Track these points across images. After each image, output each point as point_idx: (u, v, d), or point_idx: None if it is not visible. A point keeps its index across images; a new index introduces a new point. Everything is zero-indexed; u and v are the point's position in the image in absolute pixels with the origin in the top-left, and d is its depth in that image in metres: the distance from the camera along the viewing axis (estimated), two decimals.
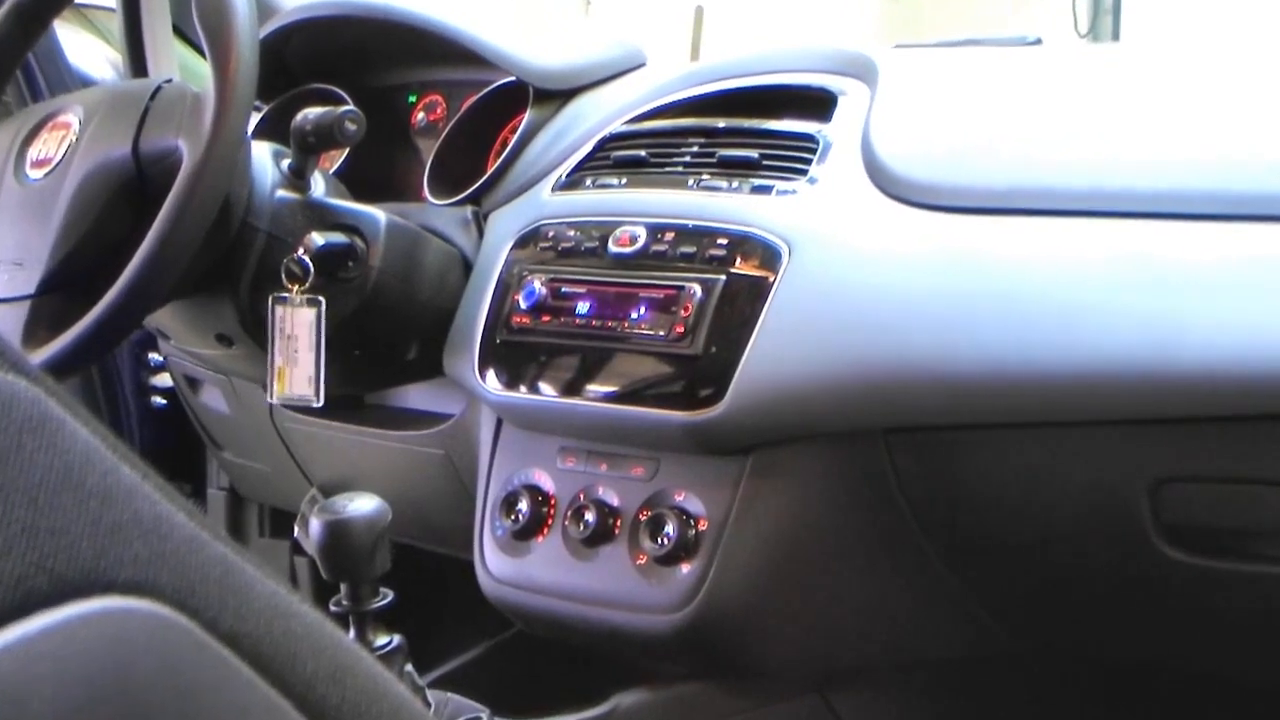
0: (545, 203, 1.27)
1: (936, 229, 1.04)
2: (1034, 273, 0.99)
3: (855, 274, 1.05)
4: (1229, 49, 1.22)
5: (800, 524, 1.10)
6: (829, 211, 1.10)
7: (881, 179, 1.09)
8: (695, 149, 1.23)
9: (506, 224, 1.28)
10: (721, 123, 1.26)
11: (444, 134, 1.43)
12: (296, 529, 1.58)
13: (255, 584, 0.37)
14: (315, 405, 1.21)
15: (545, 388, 1.17)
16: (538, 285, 1.19)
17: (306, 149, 1.22)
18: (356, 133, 1.20)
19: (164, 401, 1.85)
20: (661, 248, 1.14)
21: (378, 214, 1.26)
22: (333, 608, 1.06)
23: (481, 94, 1.43)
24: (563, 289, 1.18)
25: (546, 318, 1.18)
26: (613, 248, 1.16)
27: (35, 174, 1.22)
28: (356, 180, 1.37)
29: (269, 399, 1.23)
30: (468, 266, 1.30)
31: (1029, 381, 0.96)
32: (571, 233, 1.21)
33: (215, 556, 0.36)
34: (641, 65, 1.46)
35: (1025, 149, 1.08)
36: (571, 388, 1.15)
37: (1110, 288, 0.96)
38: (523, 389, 1.18)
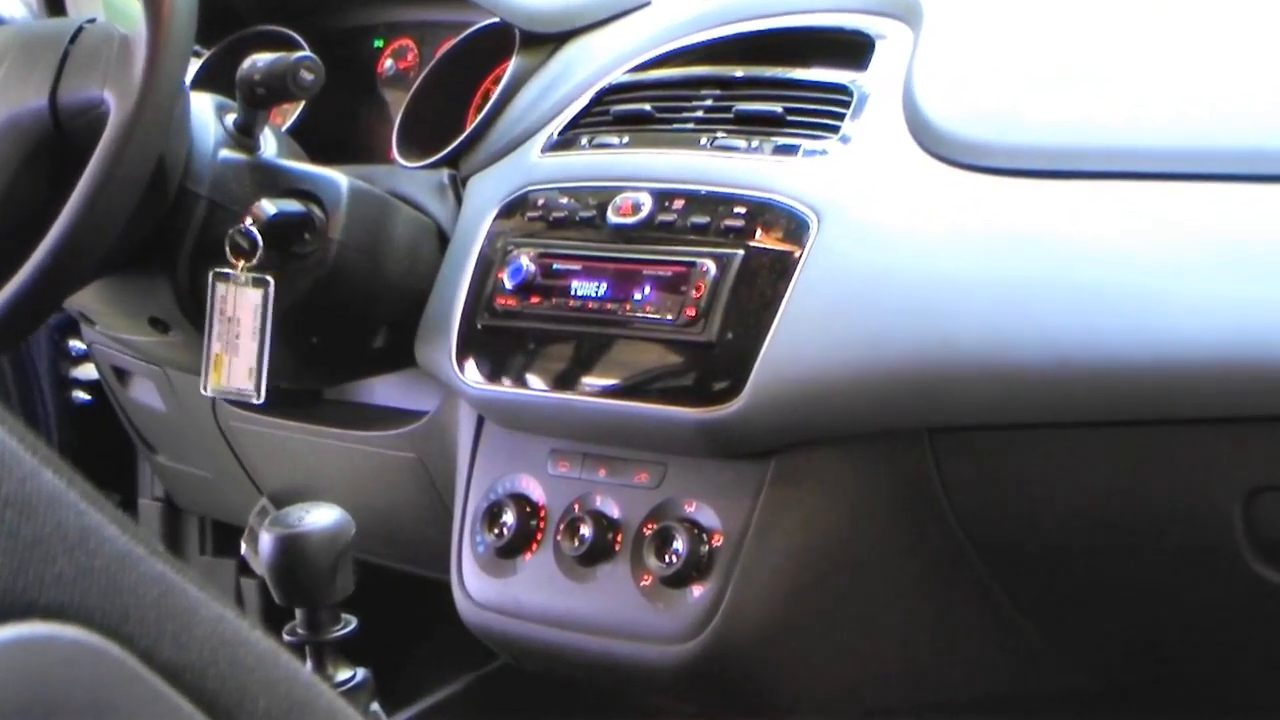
0: (534, 165, 1.27)
1: (990, 195, 1.04)
2: (1105, 247, 0.99)
3: (895, 248, 1.05)
4: None
5: (830, 539, 1.10)
6: (864, 175, 1.10)
7: (926, 137, 1.09)
8: (709, 102, 1.23)
9: (489, 190, 1.28)
10: (739, 71, 1.26)
11: (416, 85, 1.43)
12: (243, 545, 1.58)
13: (198, 607, 0.37)
14: (255, 402, 1.21)
15: (534, 380, 1.17)
16: (525, 261, 1.19)
17: (255, 102, 1.22)
18: (314, 83, 1.20)
19: (88, 397, 1.85)
20: (669, 217, 1.14)
21: (338, 178, 1.26)
22: (287, 636, 1.06)
23: (460, 38, 1.42)
24: (554, 265, 1.18)
25: (535, 299, 1.18)
26: (613, 218, 1.16)
27: None
28: (314, 139, 1.37)
29: (203, 390, 1.23)
30: (444, 239, 1.30)
31: (1099, 374, 0.96)
32: (564, 200, 1.21)
33: (151, 575, 0.36)
34: (646, 3, 1.45)
35: (1094, 101, 1.08)
36: (565, 380, 1.15)
37: (1196, 264, 0.96)
38: (508, 382, 1.18)
